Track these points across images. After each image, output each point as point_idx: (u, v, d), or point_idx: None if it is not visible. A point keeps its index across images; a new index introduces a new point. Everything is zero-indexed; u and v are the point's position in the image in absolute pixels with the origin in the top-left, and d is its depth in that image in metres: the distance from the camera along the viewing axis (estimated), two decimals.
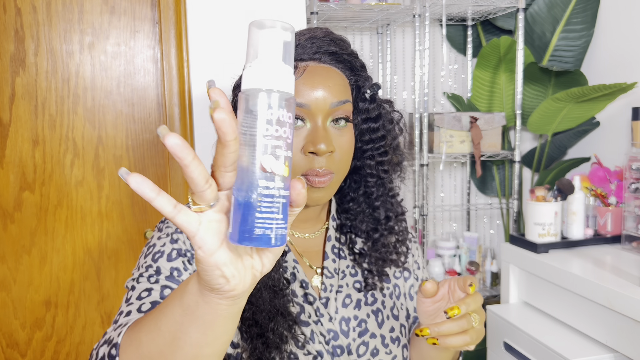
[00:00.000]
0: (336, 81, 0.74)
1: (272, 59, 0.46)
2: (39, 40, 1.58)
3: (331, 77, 0.74)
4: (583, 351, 1.35)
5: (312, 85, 0.72)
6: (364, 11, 2.02)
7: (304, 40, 0.74)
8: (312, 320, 0.80)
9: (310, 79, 0.72)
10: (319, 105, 0.72)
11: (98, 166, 1.64)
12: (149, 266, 0.74)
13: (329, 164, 0.73)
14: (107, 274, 1.68)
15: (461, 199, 2.51)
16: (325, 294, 0.82)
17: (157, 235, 0.79)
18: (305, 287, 0.81)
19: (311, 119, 0.73)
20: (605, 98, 1.97)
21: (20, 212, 1.60)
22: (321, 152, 0.71)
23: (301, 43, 0.74)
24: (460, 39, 2.42)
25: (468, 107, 2.30)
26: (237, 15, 1.63)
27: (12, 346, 1.62)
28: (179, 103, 1.65)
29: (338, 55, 0.75)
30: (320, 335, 0.80)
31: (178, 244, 0.76)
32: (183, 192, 1.68)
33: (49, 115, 1.60)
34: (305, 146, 0.72)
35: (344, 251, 0.86)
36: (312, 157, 0.72)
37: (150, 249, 0.77)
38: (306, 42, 0.74)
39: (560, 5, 2.12)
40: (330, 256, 0.84)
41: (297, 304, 0.79)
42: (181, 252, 0.75)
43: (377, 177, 0.83)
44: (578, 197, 1.65)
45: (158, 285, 0.70)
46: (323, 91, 0.72)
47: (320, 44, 0.74)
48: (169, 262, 0.74)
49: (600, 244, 1.68)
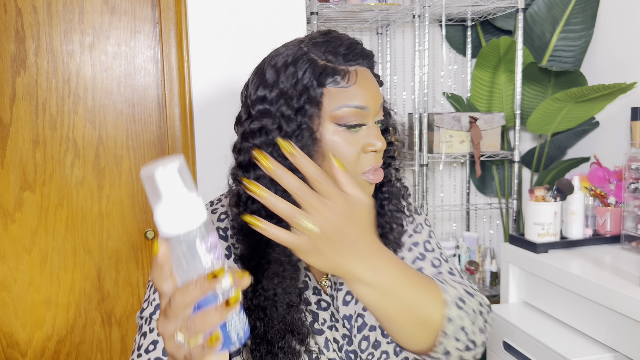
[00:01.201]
0: (375, 82, 0.79)
1: (177, 196, 0.51)
2: (40, 40, 1.58)
3: (373, 79, 0.78)
4: (583, 351, 1.35)
5: (368, 88, 0.75)
6: (364, 11, 2.02)
7: (345, 45, 0.76)
8: (327, 326, 0.80)
9: (365, 83, 0.75)
10: (374, 106, 0.76)
11: (98, 166, 1.64)
12: (157, 306, 0.77)
13: (381, 159, 0.79)
14: (107, 274, 1.68)
15: (461, 199, 2.51)
16: (330, 292, 0.83)
17: None
18: (318, 293, 0.81)
19: (367, 119, 0.76)
20: (604, 98, 1.97)
21: (21, 212, 1.60)
22: (380, 149, 0.76)
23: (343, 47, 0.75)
24: (460, 39, 2.42)
25: (468, 107, 2.31)
26: (237, 16, 1.63)
27: (13, 346, 1.62)
28: (179, 103, 1.66)
29: (372, 59, 0.79)
30: (334, 343, 0.80)
31: None
32: None
33: (49, 116, 1.60)
34: (366, 145, 0.75)
35: None
36: (371, 155, 0.76)
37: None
38: (350, 47, 0.76)
39: (559, 6, 2.12)
40: None
41: (310, 312, 0.80)
42: None
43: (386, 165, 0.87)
44: (577, 197, 1.65)
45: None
46: (375, 93, 0.77)
47: (359, 50, 0.77)
48: None
49: (599, 244, 1.69)
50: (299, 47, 0.75)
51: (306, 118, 0.72)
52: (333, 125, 0.74)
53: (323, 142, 0.73)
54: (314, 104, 0.72)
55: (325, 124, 0.74)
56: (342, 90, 0.73)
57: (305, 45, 0.75)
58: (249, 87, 0.77)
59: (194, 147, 1.65)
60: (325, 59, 0.74)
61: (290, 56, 0.74)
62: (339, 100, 0.73)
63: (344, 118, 0.73)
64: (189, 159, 1.65)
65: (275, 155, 0.72)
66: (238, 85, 1.65)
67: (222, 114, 1.64)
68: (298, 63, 0.73)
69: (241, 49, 1.64)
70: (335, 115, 0.73)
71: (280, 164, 0.66)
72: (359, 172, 0.76)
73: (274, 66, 0.75)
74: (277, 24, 1.66)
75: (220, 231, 0.82)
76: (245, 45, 1.64)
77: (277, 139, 0.62)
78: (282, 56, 0.75)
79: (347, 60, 0.75)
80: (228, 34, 1.63)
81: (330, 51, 0.74)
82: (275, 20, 1.66)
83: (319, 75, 0.73)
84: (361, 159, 0.76)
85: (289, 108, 0.73)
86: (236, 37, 1.64)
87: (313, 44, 0.75)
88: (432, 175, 2.47)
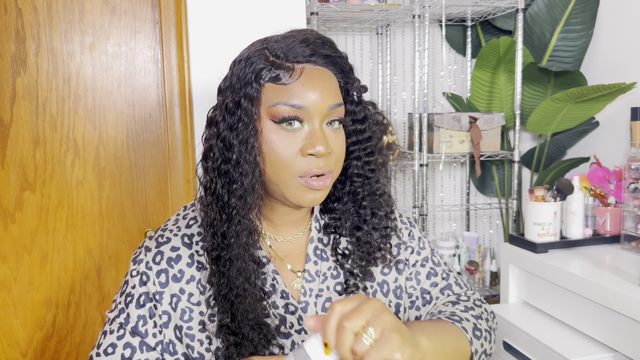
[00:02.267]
0: (331, 83, 0.75)
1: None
2: (40, 40, 1.58)
3: (327, 80, 0.75)
4: (582, 351, 1.35)
5: (311, 87, 0.73)
6: (364, 12, 2.02)
7: (298, 42, 0.74)
8: (295, 330, 0.80)
9: (308, 82, 0.73)
10: (317, 107, 0.73)
11: (99, 166, 1.65)
12: (122, 310, 0.79)
13: (327, 164, 0.75)
14: (107, 273, 1.68)
15: (461, 199, 2.51)
16: (304, 298, 0.81)
17: (132, 268, 0.82)
18: (286, 297, 0.81)
19: (309, 120, 0.74)
20: (604, 98, 1.97)
21: (21, 212, 1.60)
22: (320, 154, 0.73)
23: (295, 45, 0.74)
24: (460, 39, 2.42)
25: (467, 107, 2.31)
26: (237, 16, 1.63)
27: (13, 346, 1.62)
28: (180, 103, 1.66)
29: (332, 58, 0.76)
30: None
31: (147, 287, 0.79)
32: (184, 192, 1.69)
33: (49, 116, 1.60)
34: (304, 148, 0.73)
35: (327, 252, 0.85)
36: (310, 159, 0.73)
37: (124, 287, 0.81)
38: (301, 45, 0.74)
39: (559, 6, 2.13)
40: (312, 258, 0.84)
41: (278, 315, 0.80)
42: (149, 295, 0.79)
43: (365, 177, 0.83)
44: (577, 197, 1.65)
45: (121, 342, 0.77)
46: (321, 93, 0.73)
47: (314, 46, 0.75)
48: (137, 309, 0.78)
49: (599, 244, 1.69)
50: (260, 43, 0.77)
51: (243, 112, 0.73)
52: (270, 123, 0.73)
53: (261, 137, 0.73)
54: (249, 98, 0.73)
55: (264, 120, 0.73)
56: (282, 87, 0.73)
57: (267, 41, 0.76)
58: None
59: (194, 147, 1.65)
60: (274, 55, 0.74)
61: (249, 51, 0.76)
62: (276, 97, 0.73)
63: (278, 115, 0.72)
64: (188, 159, 1.66)
65: (219, 146, 0.74)
66: None
67: None
68: (250, 58, 0.75)
69: (241, 49, 1.64)
70: (272, 112, 0.73)
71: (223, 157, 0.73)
72: (295, 175, 0.73)
73: (234, 61, 0.78)
74: (277, 23, 1.66)
75: (185, 238, 0.82)
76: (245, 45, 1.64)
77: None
78: (244, 51, 0.78)
79: (296, 57, 0.74)
80: (228, 34, 1.63)
81: (282, 47, 0.74)
82: (275, 20, 1.66)
83: (260, 71, 0.73)
84: (298, 161, 0.73)
85: (231, 101, 0.74)
86: (236, 37, 1.64)
87: (273, 39, 0.76)
88: (432, 175, 2.47)
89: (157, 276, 0.79)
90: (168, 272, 0.79)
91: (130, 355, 0.76)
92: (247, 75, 0.74)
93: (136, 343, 0.77)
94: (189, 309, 0.78)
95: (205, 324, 0.78)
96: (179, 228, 0.84)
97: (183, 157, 1.66)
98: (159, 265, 0.80)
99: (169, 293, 0.79)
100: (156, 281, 0.79)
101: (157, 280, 0.79)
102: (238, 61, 0.77)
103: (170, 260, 0.80)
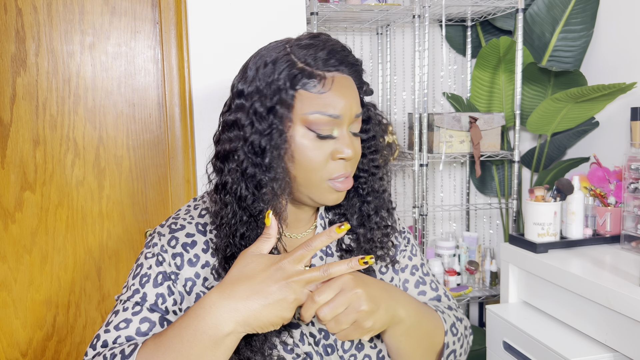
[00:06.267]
0: (355, 91, 0.79)
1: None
2: (40, 40, 1.58)
3: (353, 88, 0.79)
4: (582, 351, 1.35)
5: (343, 96, 0.76)
6: (364, 12, 2.02)
7: (327, 51, 0.76)
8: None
9: (340, 90, 0.76)
10: (347, 115, 0.77)
11: (99, 166, 1.65)
12: (136, 291, 0.79)
13: (352, 167, 0.80)
14: (107, 273, 1.68)
15: (461, 198, 2.51)
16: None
17: (145, 252, 0.83)
18: None
19: (339, 127, 0.77)
20: (604, 98, 1.97)
21: (21, 212, 1.60)
22: (349, 158, 0.77)
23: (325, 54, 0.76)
24: (460, 39, 2.42)
25: (467, 107, 2.31)
26: (237, 16, 1.63)
27: (13, 346, 1.62)
28: (180, 103, 1.66)
29: (356, 67, 0.80)
30: (310, 337, 0.81)
31: (163, 266, 0.80)
32: (184, 192, 1.69)
33: (49, 116, 1.60)
34: (334, 152, 0.77)
35: (332, 249, 0.88)
36: (339, 163, 0.77)
37: (138, 269, 0.82)
38: (330, 54, 0.76)
39: (559, 6, 2.13)
40: (318, 254, 0.87)
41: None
42: (166, 275, 0.80)
43: (370, 173, 0.87)
44: (577, 197, 1.65)
45: (137, 317, 0.77)
46: (350, 102, 0.77)
47: (341, 56, 0.77)
48: (155, 287, 0.79)
49: (599, 244, 1.69)
50: (283, 47, 0.77)
51: (277, 119, 0.74)
52: (303, 129, 0.75)
53: (293, 143, 0.75)
54: (285, 105, 0.74)
55: (296, 126, 0.75)
56: (316, 96, 0.74)
57: (290, 46, 0.76)
58: (234, 80, 0.80)
59: (194, 147, 1.65)
60: (304, 62, 0.75)
61: (273, 55, 0.76)
62: (312, 105, 0.74)
63: (315, 124, 0.74)
64: (189, 159, 1.66)
65: (245, 150, 0.75)
66: None
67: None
68: (277, 63, 0.75)
69: (241, 49, 1.64)
70: (307, 120, 0.74)
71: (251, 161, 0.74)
72: (325, 178, 0.77)
73: (256, 62, 0.77)
74: (277, 24, 1.66)
75: (199, 226, 0.84)
76: (245, 45, 1.65)
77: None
78: (266, 53, 0.77)
79: (326, 66, 0.76)
80: (228, 34, 1.63)
81: (310, 55, 0.75)
82: (275, 20, 1.66)
83: (293, 78, 0.74)
84: (329, 165, 0.77)
85: (262, 106, 0.74)
86: (236, 37, 1.64)
87: (297, 45, 0.76)
88: (432, 175, 2.47)
89: (172, 258, 0.81)
90: (183, 256, 0.81)
91: (147, 330, 0.76)
92: (280, 80, 0.74)
93: (155, 318, 0.77)
94: (203, 293, 0.80)
95: None
96: (191, 217, 0.85)
97: (183, 157, 1.66)
98: (174, 248, 0.81)
99: (184, 276, 0.80)
100: (172, 262, 0.80)
101: (173, 262, 0.80)
102: (263, 64, 0.76)
103: (185, 245, 0.82)
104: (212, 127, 1.64)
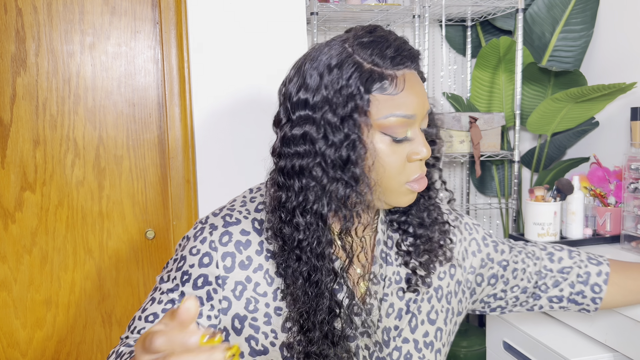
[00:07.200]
0: (422, 85, 0.74)
1: None
2: (40, 40, 1.58)
3: (420, 83, 0.74)
4: (582, 351, 1.35)
5: (415, 94, 0.71)
6: (364, 12, 2.02)
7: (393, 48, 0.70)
8: (359, 332, 0.79)
9: (411, 88, 0.71)
10: (420, 113, 0.72)
11: (99, 166, 1.65)
12: (176, 287, 0.75)
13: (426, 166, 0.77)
14: (107, 273, 1.68)
15: (460, 198, 2.51)
16: (370, 300, 0.80)
17: (191, 245, 0.77)
18: (352, 297, 0.78)
19: (412, 127, 0.72)
20: (604, 98, 1.97)
21: (21, 212, 1.60)
22: (425, 158, 0.73)
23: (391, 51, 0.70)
24: (460, 39, 2.42)
25: (467, 107, 2.31)
26: (237, 16, 1.63)
27: (13, 346, 1.62)
28: (179, 103, 1.66)
29: (419, 59, 0.75)
30: (365, 350, 0.79)
31: (207, 269, 0.75)
32: (184, 192, 1.68)
33: (49, 116, 1.60)
34: (411, 154, 0.72)
35: (391, 256, 0.83)
36: (416, 164, 0.74)
37: (181, 262, 0.76)
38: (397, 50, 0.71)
39: (559, 6, 2.13)
40: (378, 261, 0.82)
41: (344, 316, 0.77)
42: (207, 279, 0.75)
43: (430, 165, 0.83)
44: (577, 197, 1.65)
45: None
46: (422, 99, 0.72)
47: (406, 52, 0.71)
48: (194, 290, 0.74)
49: (599, 244, 1.69)
50: (343, 47, 0.70)
51: (355, 127, 0.68)
52: (379, 134, 0.70)
53: (371, 151, 0.70)
54: (362, 112, 0.68)
55: (372, 132, 0.70)
56: (390, 97, 0.69)
57: (350, 46, 0.70)
58: (288, 86, 0.73)
59: (194, 147, 1.65)
60: (371, 62, 0.69)
61: (335, 57, 0.70)
62: (385, 108, 0.69)
63: (391, 128, 0.70)
64: (188, 159, 1.65)
65: (323, 165, 0.69)
66: (238, 85, 1.65)
67: (223, 114, 1.64)
68: (343, 66, 0.69)
69: (241, 49, 1.64)
70: (382, 124, 0.70)
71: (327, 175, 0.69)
72: (403, 182, 0.73)
73: (317, 67, 0.70)
74: (277, 24, 1.66)
75: (256, 223, 0.78)
76: (245, 45, 1.65)
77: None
78: (325, 57, 0.70)
79: (395, 65, 0.70)
80: (228, 34, 1.63)
81: (377, 53, 0.69)
82: (275, 20, 1.66)
83: (365, 81, 0.68)
84: (406, 168, 0.73)
85: (334, 116, 0.68)
86: (236, 36, 1.64)
87: (359, 44, 0.70)
88: None
89: (222, 259, 0.75)
90: (235, 257, 0.75)
91: None
92: (351, 86, 0.68)
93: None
94: (254, 298, 0.75)
95: (270, 316, 0.75)
96: (248, 211, 0.79)
97: (183, 157, 1.66)
98: (226, 247, 0.75)
99: (234, 279, 0.75)
100: (220, 264, 0.75)
101: (222, 264, 0.75)
102: (327, 69, 0.69)
103: (239, 244, 0.76)
104: (212, 127, 1.64)
